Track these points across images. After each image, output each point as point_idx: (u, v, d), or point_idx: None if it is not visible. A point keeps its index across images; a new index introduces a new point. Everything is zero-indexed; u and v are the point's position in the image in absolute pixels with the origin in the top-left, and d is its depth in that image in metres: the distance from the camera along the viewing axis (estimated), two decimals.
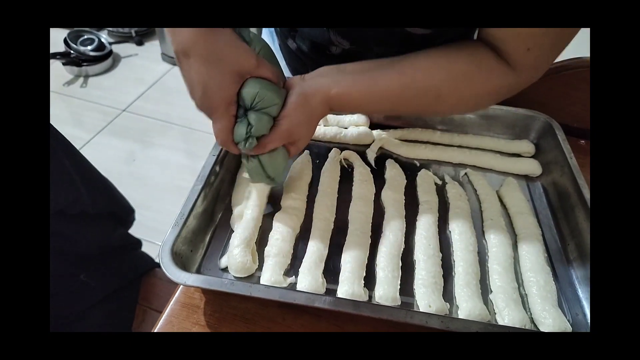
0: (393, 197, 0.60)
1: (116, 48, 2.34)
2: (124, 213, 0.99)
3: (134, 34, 2.38)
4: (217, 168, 0.57)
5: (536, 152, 0.71)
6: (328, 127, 0.70)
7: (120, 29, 2.37)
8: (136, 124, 2.01)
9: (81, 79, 2.16)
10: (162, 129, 2.01)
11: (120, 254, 0.99)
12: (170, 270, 0.43)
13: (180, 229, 0.47)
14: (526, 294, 0.51)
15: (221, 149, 0.58)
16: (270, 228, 0.55)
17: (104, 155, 1.83)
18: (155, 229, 1.54)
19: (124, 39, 2.40)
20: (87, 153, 1.81)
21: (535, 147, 0.71)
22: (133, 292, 0.97)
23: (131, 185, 1.73)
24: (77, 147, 1.84)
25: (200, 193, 0.51)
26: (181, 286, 0.48)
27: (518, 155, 0.71)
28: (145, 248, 1.16)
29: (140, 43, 2.41)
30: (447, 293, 0.51)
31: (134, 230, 1.10)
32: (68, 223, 0.82)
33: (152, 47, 2.40)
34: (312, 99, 0.49)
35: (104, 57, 2.19)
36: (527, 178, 0.68)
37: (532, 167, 0.68)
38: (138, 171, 1.80)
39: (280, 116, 0.48)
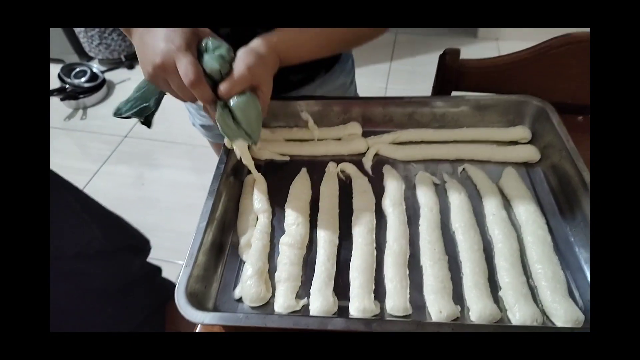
0: (393, 204, 0.61)
1: (109, 75, 2.36)
2: (140, 244, 1.02)
3: (123, 59, 2.40)
4: (220, 199, 0.58)
5: (533, 137, 0.71)
6: (322, 141, 0.71)
7: (109, 56, 2.39)
8: (139, 148, 2.04)
9: (80, 111, 2.19)
10: (166, 149, 2.04)
11: (143, 284, 1.02)
12: (188, 312, 0.45)
13: (192, 268, 0.49)
14: (535, 286, 0.52)
15: (220, 180, 0.59)
16: (276, 250, 0.57)
17: (113, 183, 1.87)
18: (174, 249, 1.57)
19: (115, 65, 2.43)
20: (97, 183, 1.87)
21: (532, 132, 0.71)
22: (160, 319, 0.99)
23: (143, 209, 1.76)
24: (87, 179, 1.90)
25: (205, 230, 0.53)
26: None
27: (515, 143, 0.71)
28: (167, 268, 1.19)
29: (131, 67, 2.43)
30: (457, 294, 0.52)
31: (153, 253, 1.13)
32: (88, 263, 0.85)
33: None
34: (259, 49, 0.54)
35: (99, 87, 2.21)
36: (526, 165, 0.68)
37: (530, 153, 0.68)
38: (148, 194, 1.83)
39: (235, 62, 0.52)
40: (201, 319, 0.45)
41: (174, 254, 1.52)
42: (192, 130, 2.12)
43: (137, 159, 1.99)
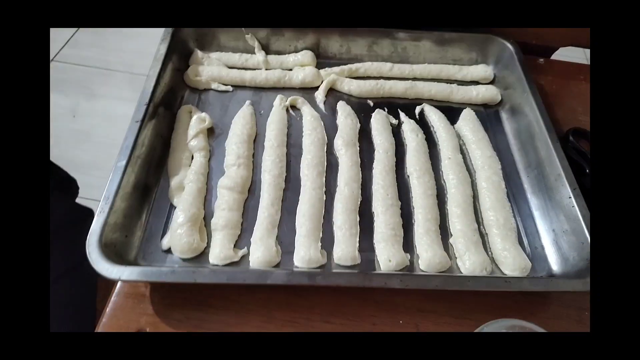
0: (346, 145, 0.56)
1: None
2: (64, 184, 0.91)
3: None
4: (144, 135, 0.50)
5: (495, 78, 0.66)
6: (270, 71, 0.63)
7: None
8: (70, 74, 1.81)
9: None
10: (102, 77, 1.82)
11: (71, 228, 0.92)
12: (101, 267, 0.39)
13: (107, 216, 0.41)
14: (486, 233, 0.50)
15: (145, 113, 0.51)
16: (213, 194, 0.50)
17: None
18: None
19: None
20: None
21: (494, 72, 0.67)
22: (91, 268, 0.92)
23: (76, 143, 1.59)
24: None
25: (125, 170, 0.45)
26: None
27: (477, 83, 0.66)
28: None
29: None
30: (408, 242, 0.49)
31: (87, 192, 1.03)
32: None
33: None
34: None
35: None
36: (485, 107, 0.64)
37: (491, 95, 0.64)
38: (81, 128, 1.65)
39: None
40: (118, 275, 0.39)
41: None
42: (132, 57, 1.92)
43: (68, 87, 1.77)
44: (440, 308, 0.45)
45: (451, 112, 0.63)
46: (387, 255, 0.46)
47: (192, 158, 0.53)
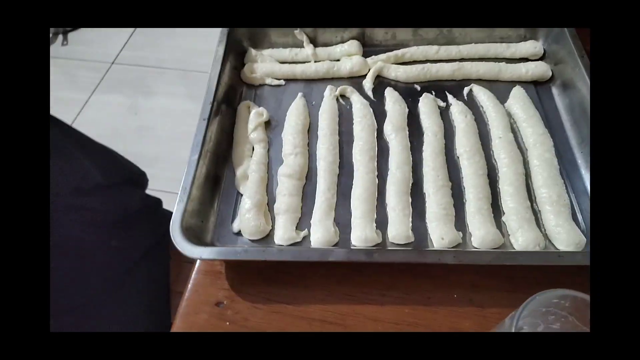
0: (395, 130, 0.58)
1: None
2: (136, 177, 1.00)
3: None
4: (211, 131, 0.55)
5: (545, 53, 0.65)
6: (319, 63, 0.66)
7: None
8: (129, 74, 1.95)
9: (60, 37, 2.05)
10: (157, 75, 1.95)
11: (145, 216, 1.03)
12: (184, 247, 0.45)
13: (185, 203, 0.47)
14: (539, 210, 0.51)
15: (210, 111, 0.56)
16: (274, 181, 0.55)
17: (105, 113, 1.81)
18: (173, 179, 1.54)
19: None
20: (89, 114, 1.82)
21: (544, 48, 0.65)
22: (163, 250, 1.01)
23: (139, 138, 1.73)
24: (77, 109, 1.84)
25: (198, 163, 0.50)
26: None
27: (526, 60, 0.65)
28: (167, 199, 1.18)
29: None
30: (460, 220, 0.51)
31: (152, 184, 1.12)
32: (86, 198, 0.84)
33: None
34: None
35: None
36: (536, 84, 0.64)
37: (541, 71, 0.63)
38: (142, 123, 1.78)
39: None
40: (199, 254, 0.44)
41: (174, 183, 1.51)
42: (182, 55, 2.02)
43: (128, 86, 1.90)
44: (493, 284, 0.46)
45: (500, 91, 0.63)
46: (440, 234, 0.49)
47: (253, 149, 0.58)
